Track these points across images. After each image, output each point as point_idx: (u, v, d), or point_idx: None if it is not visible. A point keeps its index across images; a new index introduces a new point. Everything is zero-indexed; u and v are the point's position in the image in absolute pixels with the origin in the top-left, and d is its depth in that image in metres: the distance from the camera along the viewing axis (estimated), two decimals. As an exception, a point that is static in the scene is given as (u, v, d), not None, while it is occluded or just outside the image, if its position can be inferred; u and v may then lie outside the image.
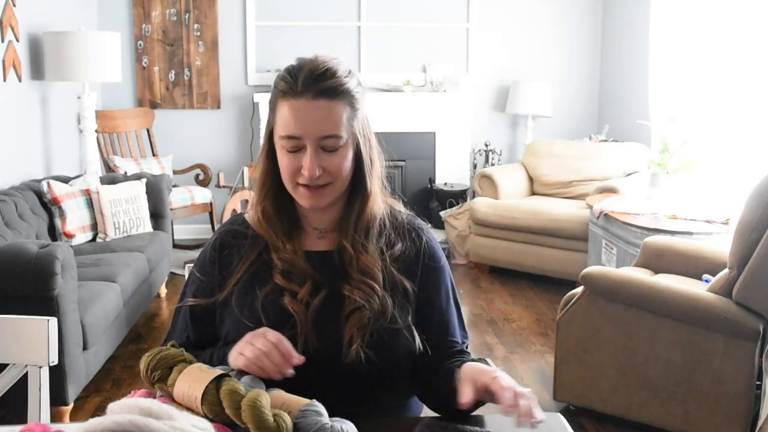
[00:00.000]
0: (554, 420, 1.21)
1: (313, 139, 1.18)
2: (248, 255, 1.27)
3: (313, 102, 1.18)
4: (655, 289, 2.61)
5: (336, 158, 1.21)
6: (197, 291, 1.30)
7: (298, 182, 1.22)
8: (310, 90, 1.18)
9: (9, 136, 3.81)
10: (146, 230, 4.06)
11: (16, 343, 1.39)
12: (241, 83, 5.62)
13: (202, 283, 1.30)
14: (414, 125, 5.55)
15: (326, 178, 1.21)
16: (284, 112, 1.20)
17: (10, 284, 2.52)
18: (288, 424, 1.01)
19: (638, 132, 5.16)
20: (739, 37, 4.02)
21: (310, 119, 1.18)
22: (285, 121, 1.20)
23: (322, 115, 1.18)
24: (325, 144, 1.19)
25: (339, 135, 1.20)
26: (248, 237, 1.29)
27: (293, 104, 1.18)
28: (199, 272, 1.32)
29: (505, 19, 5.79)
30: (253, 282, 1.25)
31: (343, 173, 1.23)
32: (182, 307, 1.31)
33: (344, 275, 1.25)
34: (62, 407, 2.67)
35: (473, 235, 4.91)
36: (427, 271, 1.31)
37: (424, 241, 1.33)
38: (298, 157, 1.20)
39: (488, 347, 3.62)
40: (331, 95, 1.19)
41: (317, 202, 1.23)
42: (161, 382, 1.11)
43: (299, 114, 1.18)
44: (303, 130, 1.18)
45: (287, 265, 1.24)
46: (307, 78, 1.18)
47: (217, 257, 1.30)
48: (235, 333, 1.22)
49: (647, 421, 2.67)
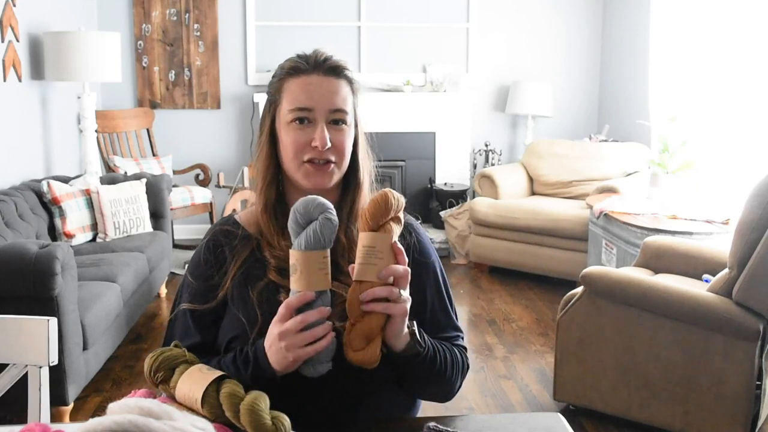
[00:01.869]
0: (554, 420, 1.21)
1: (324, 111, 1.24)
2: (240, 253, 1.27)
3: (324, 77, 1.25)
4: (655, 289, 2.61)
5: (342, 135, 1.26)
6: (193, 296, 1.28)
7: (304, 160, 1.24)
8: (321, 67, 1.26)
9: (9, 136, 3.81)
10: (146, 230, 4.06)
11: (16, 343, 1.39)
12: (241, 83, 5.62)
13: (198, 287, 1.28)
14: (414, 125, 5.55)
15: (332, 153, 1.25)
16: (293, 88, 1.25)
17: (10, 284, 2.52)
18: (286, 426, 1.01)
19: (638, 132, 5.16)
20: (739, 37, 4.02)
21: (321, 92, 1.24)
22: (295, 96, 1.25)
23: (333, 89, 1.25)
24: (334, 117, 1.25)
25: (347, 111, 1.26)
26: (238, 237, 1.29)
27: (305, 80, 1.25)
28: (192, 276, 1.30)
29: (505, 19, 5.79)
30: (247, 280, 1.25)
31: (346, 153, 1.27)
32: (179, 312, 1.30)
33: (338, 270, 1.23)
34: (62, 407, 2.68)
35: (473, 235, 4.91)
36: (417, 266, 1.30)
37: (413, 237, 1.33)
38: (307, 131, 1.24)
39: (488, 347, 3.62)
40: (339, 74, 1.27)
41: (321, 180, 1.25)
42: (164, 383, 1.11)
43: (311, 87, 1.24)
44: (315, 102, 1.24)
45: (281, 262, 1.23)
46: (317, 58, 1.27)
47: (212, 258, 1.29)
48: (231, 331, 1.22)
49: (647, 421, 2.67)
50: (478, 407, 2.96)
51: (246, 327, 1.21)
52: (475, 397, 3.05)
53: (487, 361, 3.44)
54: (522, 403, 3.01)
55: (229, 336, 1.24)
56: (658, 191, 3.91)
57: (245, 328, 1.21)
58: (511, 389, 3.14)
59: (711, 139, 4.26)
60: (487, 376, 3.28)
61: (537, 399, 3.04)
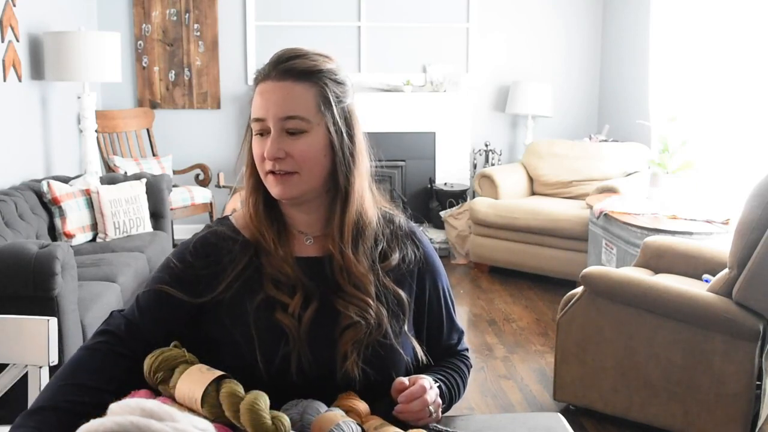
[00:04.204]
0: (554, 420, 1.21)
1: (275, 120, 1.16)
2: (239, 260, 1.21)
3: (277, 83, 1.17)
4: (655, 289, 2.61)
5: (300, 143, 1.16)
6: (172, 278, 1.20)
7: (266, 170, 1.19)
8: (276, 70, 1.17)
9: (9, 136, 3.81)
10: (146, 230, 4.06)
11: (16, 343, 1.39)
12: (241, 83, 5.62)
13: (179, 272, 1.21)
14: (414, 125, 5.54)
15: (291, 164, 1.17)
16: (255, 97, 1.19)
17: (10, 284, 2.52)
18: (286, 426, 1.01)
19: (638, 132, 5.16)
20: (739, 37, 4.02)
21: (273, 99, 1.16)
22: (255, 105, 1.19)
23: (285, 95, 1.16)
24: (287, 126, 1.16)
25: (302, 117, 1.16)
26: (237, 242, 1.23)
27: (261, 87, 1.18)
28: (177, 260, 1.22)
29: (505, 19, 5.79)
30: (244, 293, 1.19)
31: (309, 162, 1.17)
32: (145, 291, 1.23)
33: (335, 286, 1.20)
34: (62, 407, 2.67)
35: (473, 235, 4.91)
36: (424, 277, 1.29)
37: (420, 247, 1.31)
38: (264, 141, 1.17)
39: (488, 347, 3.62)
40: (297, 76, 1.17)
41: (284, 190, 1.18)
42: (164, 383, 1.11)
43: (264, 95, 1.17)
44: (266, 111, 1.16)
45: (276, 271, 1.20)
46: (276, 60, 1.19)
47: (204, 253, 1.22)
48: (227, 345, 1.18)
49: (647, 421, 2.67)
50: (478, 407, 2.96)
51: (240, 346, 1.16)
52: (475, 397, 3.05)
53: (487, 361, 3.44)
54: (522, 403, 3.01)
55: (219, 343, 1.19)
56: (658, 191, 3.91)
57: (239, 347, 1.16)
58: (511, 389, 3.14)
59: (711, 139, 4.26)
60: (487, 376, 3.28)
61: (537, 399, 3.04)
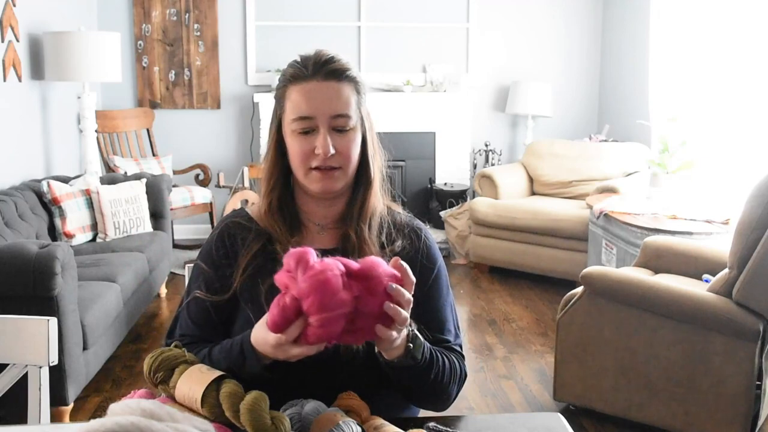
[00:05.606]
0: (554, 420, 1.21)
1: (325, 118, 1.23)
2: (252, 245, 1.28)
3: (323, 83, 1.24)
4: (655, 289, 2.61)
5: (346, 139, 1.25)
6: (208, 284, 1.28)
7: (311, 166, 1.25)
8: (320, 72, 1.24)
9: (9, 136, 3.81)
10: (146, 230, 4.05)
11: (16, 343, 1.39)
12: (241, 83, 5.62)
13: (212, 276, 1.29)
14: (414, 125, 5.55)
15: (338, 160, 1.24)
16: (294, 96, 1.24)
17: (10, 284, 2.52)
18: (286, 426, 1.01)
19: (638, 132, 5.16)
20: (739, 37, 4.02)
21: (321, 99, 1.23)
22: (296, 104, 1.24)
23: (333, 94, 1.24)
24: (336, 123, 1.24)
25: (349, 115, 1.24)
26: (252, 230, 1.30)
27: (304, 87, 1.24)
28: (206, 264, 1.30)
29: (505, 19, 5.79)
30: (257, 275, 1.25)
31: (352, 157, 1.26)
32: (191, 301, 1.29)
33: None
34: (62, 407, 2.67)
35: (473, 235, 4.91)
36: (424, 272, 1.31)
37: (422, 242, 1.34)
38: (310, 139, 1.24)
39: (488, 347, 3.62)
40: (339, 77, 1.25)
41: (329, 184, 1.26)
42: (164, 383, 1.11)
43: (311, 95, 1.23)
44: (315, 109, 1.23)
45: None
46: (315, 63, 1.25)
47: (223, 248, 1.30)
48: (244, 328, 1.21)
49: (647, 421, 2.67)
50: (478, 407, 2.96)
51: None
52: (475, 397, 3.05)
53: (487, 361, 3.44)
54: (522, 403, 3.01)
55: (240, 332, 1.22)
56: (658, 191, 3.91)
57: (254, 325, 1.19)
58: (511, 389, 3.14)
59: (711, 139, 4.26)
60: (487, 376, 3.28)
61: (537, 399, 3.04)
